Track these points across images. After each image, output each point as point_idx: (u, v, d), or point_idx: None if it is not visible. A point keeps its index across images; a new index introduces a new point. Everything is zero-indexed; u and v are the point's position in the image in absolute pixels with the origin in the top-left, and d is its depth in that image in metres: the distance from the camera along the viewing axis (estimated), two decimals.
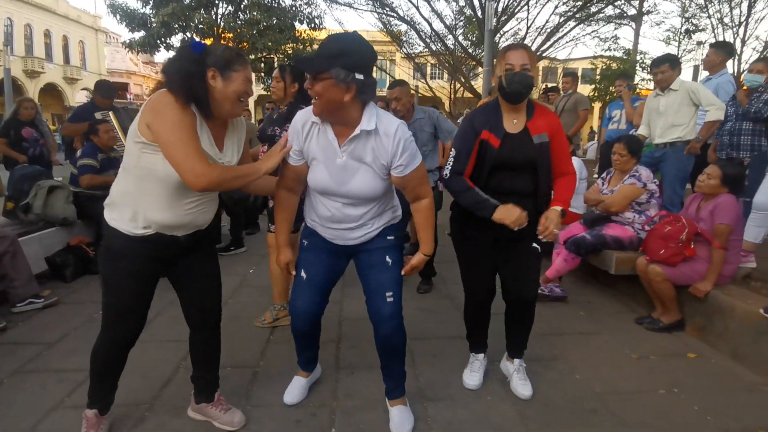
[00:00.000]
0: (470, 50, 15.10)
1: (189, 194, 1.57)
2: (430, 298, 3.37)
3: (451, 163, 1.97)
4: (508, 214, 1.83)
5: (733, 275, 2.77)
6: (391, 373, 1.92)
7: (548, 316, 3.05)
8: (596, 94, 16.02)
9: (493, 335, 2.32)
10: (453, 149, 1.99)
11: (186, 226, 1.64)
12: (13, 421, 1.90)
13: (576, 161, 3.97)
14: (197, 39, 1.57)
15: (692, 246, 2.69)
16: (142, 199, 1.55)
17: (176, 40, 14.52)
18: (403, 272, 1.83)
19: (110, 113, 4.34)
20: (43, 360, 2.40)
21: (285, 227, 1.86)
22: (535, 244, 2.03)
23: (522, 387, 2.15)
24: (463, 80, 14.58)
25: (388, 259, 1.81)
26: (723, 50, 4.17)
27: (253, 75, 18.38)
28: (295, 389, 2.09)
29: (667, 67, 3.61)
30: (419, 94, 20.22)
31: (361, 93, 1.54)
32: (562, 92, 5.98)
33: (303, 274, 1.85)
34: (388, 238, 1.83)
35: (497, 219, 1.84)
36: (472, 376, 2.23)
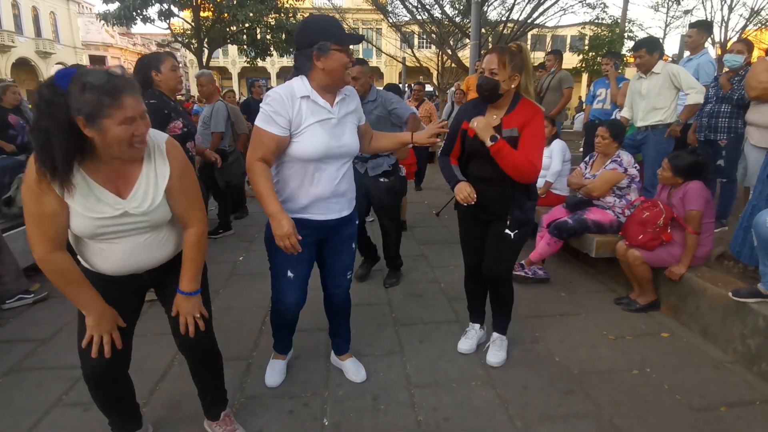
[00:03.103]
0: (457, 20, 14.81)
1: (116, 247, 1.43)
2: (418, 283, 3.46)
3: (443, 146, 2.30)
4: (459, 191, 2.12)
5: (706, 257, 2.89)
6: (341, 332, 2.29)
7: (530, 298, 3.16)
8: (584, 66, 15.89)
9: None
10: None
11: (138, 268, 1.50)
12: (11, 421, 1.95)
13: (559, 143, 4.04)
14: (63, 66, 1.36)
15: (668, 231, 2.79)
16: (82, 249, 1.47)
17: (153, 11, 14.08)
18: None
19: None
20: (38, 357, 2.45)
21: (273, 194, 1.75)
22: (507, 231, 2.19)
23: (492, 355, 2.40)
24: (450, 53, 14.33)
25: (353, 246, 2.12)
26: (704, 29, 4.18)
27: (235, 47, 17.88)
28: (277, 372, 2.24)
29: (644, 52, 3.63)
30: (405, 65, 19.88)
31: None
32: (546, 70, 5.95)
33: (290, 274, 1.93)
34: (356, 222, 2.10)
35: (455, 193, 2.16)
36: (465, 341, 2.52)
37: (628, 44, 14.86)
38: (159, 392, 2.15)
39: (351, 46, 1.77)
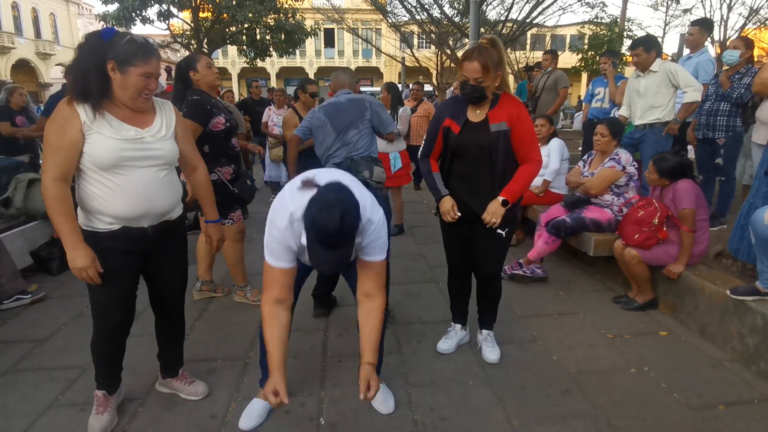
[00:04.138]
0: (456, 19, 14.82)
1: (131, 179, 1.65)
2: (416, 282, 3.45)
3: (423, 147, 2.29)
4: (442, 206, 2.20)
5: (703, 254, 2.88)
6: None
7: (529, 297, 3.16)
8: (582, 65, 15.88)
9: (474, 324, 2.41)
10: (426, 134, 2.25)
11: (146, 214, 1.71)
12: (7, 423, 1.95)
13: (557, 142, 4.03)
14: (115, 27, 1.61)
15: (665, 229, 2.78)
16: (95, 202, 1.65)
17: (152, 12, 14.03)
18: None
19: None
20: (34, 358, 2.44)
21: (280, 348, 1.63)
22: (499, 231, 2.18)
23: (489, 352, 2.40)
24: (449, 52, 14.31)
25: None
26: (706, 28, 4.17)
27: (235, 48, 17.91)
28: (254, 412, 1.93)
29: (641, 50, 3.62)
30: (405, 65, 19.88)
31: None
32: (542, 69, 5.96)
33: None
34: None
35: (438, 206, 2.21)
36: (445, 341, 2.50)
37: (628, 43, 14.85)
38: (154, 392, 2.14)
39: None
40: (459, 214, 2.17)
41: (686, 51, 4.33)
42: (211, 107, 2.66)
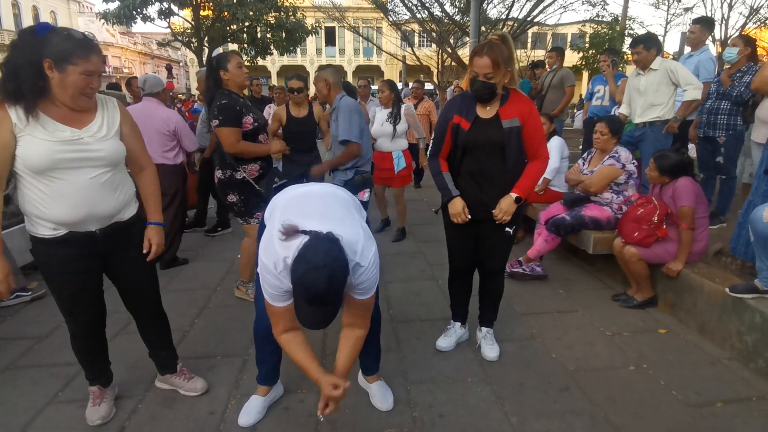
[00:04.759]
0: (457, 18, 14.80)
1: (67, 184, 1.56)
2: (415, 280, 3.45)
3: (431, 147, 2.25)
4: (453, 207, 2.17)
5: (703, 252, 2.88)
6: (368, 352, 2.03)
7: (528, 295, 3.16)
8: (584, 63, 15.85)
9: (474, 322, 2.41)
10: (433, 133, 2.24)
11: (90, 219, 1.63)
12: (6, 419, 1.95)
13: (557, 140, 4.03)
14: (46, 22, 1.60)
15: (664, 227, 2.78)
16: (35, 203, 1.58)
17: (153, 10, 14.05)
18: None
19: None
20: (34, 355, 2.45)
21: (313, 359, 1.65)
22: (507, 228, 2.20)
23: (489, 350, 2.41)
24: (450, 51, 14.29)
25: None
26: (707, 26, 4.16)
27: (236, 46, 17.94)
28: (252, 409, 1.94)
29: (641, 48, 3.61)
30: (406, 64, 19.85)
31: None
32: (547, 68, 5.94)
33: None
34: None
35: (449, 207, 2.18)
36: (444, 339, 2.50)
37: (629, 42, 14.83)
38: (153, 389, 2.15)
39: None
40: (470, 216, 2.17)
41: (687, 49, 4.32)
42: (240, 108, 2.68)
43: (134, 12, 13.53)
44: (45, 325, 2.75)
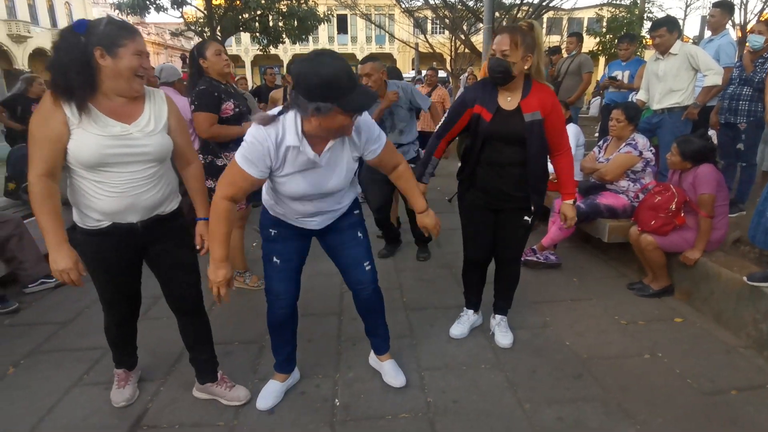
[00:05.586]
0: (470, 3, 14.56)
1: (114, 177, 1.57)
2: (429, 267, 3.47)
3: (439, 126, 2.25)
4: (425, 220, 2.03)
5: (722, 240, 2.84)
6: (377, 332, 2.13)
7: (541, 283, 3.16)
8: (600, 49, 15.52)
9: (488, 308, 2.42)
10: (445, 116, 2.22)
11: (132, 209, 1.63)
12: (33, 401, 2.03)
13: (572, 128, 3.98)
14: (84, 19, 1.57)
15: (682, 215, 2.74)
16: (81, 198, 1.61)
17: (166, 0, 14.05)
18: (428, 234, 2.05)
19: None
20: (58, 339, 2.53)
21: (226, 241, 1.65)
22: (526, 217, 2.21)
23: (502, 337, 2.43)
24: (463, 38, 14.09)
25: (359, 234, 1.95)
26: (727, 10, 4.05)
27: (248, 35, 17.93)
28: (270, 394, 1.99)
29: (664, 31, 3.53)
30: (418, 51, 19.64)
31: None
32: (565, 53, 5.83)
33: (276, 260, 1.85)
34: (355, 212, 1.95)
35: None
36: (457, 327, 2.52)
37: (648, 26, 14.45)
38: (174, 373, 2.22)
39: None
40: (488, 206, 2.24)
41: (708, 33, 4.21)
42: (219, 94, 2.69)
43: (147, 2, 13.59)
44: (69, 311, 2.83)
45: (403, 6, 16.66)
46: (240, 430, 1.86)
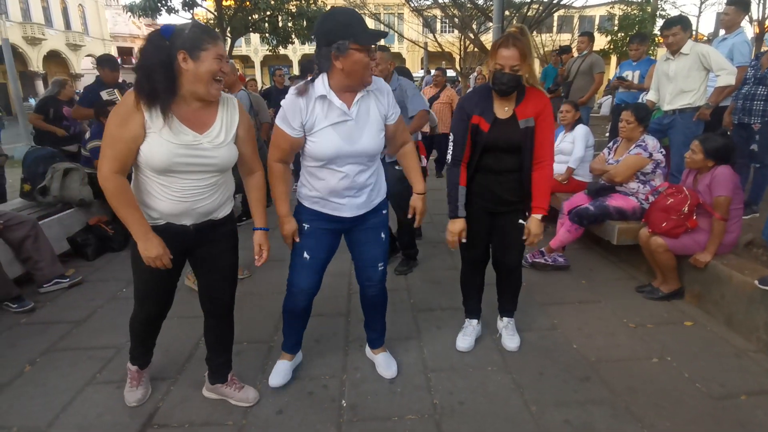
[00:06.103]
0: (479, 2, 14.50)
1: (177, 182, 1.62)
2: (436, 269, 3.48)
3: (451, 151, 2.17)
4: (453, 225, 2.19)
5: (734, 244, 2.81)
6: (375, 326, 2.26)
7: (550, 285, 3.15)
8: (612, 47, 15.36)
9: (492, 310, 2.42)
10: (451, 135, 2.17)
11: (187, 213, 1.69)
12: (48, 398, 2.08)
13: (582, 129, 3.96)
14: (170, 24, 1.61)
15: (694, 217, 2.72)
16: (143, 195, 1.66)
17: (177, 2, 14.20)
18: (416, 224, 2.15)
19: (116, 91, 4.37)
20: (72, 338, 2.58)
21: (286, 198, 1.93)
22: (521, 221, 2.21)
23: (509, 340, 2.43)
24: (472, 37, 14.04)
25: (382, 235, 2.06)
26: (742, 7, 3.99)
27: (258, 36, 18.04)
28: (281, 372, 2.15)
29: (678, 29, 3.48)
30: (427, 51, 19.60)
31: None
32: (576, 53, 5.79)
33: (306, 255, 1.95)
34: (383, 212, 2.07)
35: (448, 225, 2.21)
36: (464, 339, 2.46)
37: (661, 23, 14.26)
38: (185, 373, 2.25)
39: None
40: (464, 240, 2.20)
41: (722, 32, 4.15)
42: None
43: (159, 4, 13.75)
44: (83, 310, 2.89)
45: (412, 5, 16.64)
46: (249, 430, 1.89)
